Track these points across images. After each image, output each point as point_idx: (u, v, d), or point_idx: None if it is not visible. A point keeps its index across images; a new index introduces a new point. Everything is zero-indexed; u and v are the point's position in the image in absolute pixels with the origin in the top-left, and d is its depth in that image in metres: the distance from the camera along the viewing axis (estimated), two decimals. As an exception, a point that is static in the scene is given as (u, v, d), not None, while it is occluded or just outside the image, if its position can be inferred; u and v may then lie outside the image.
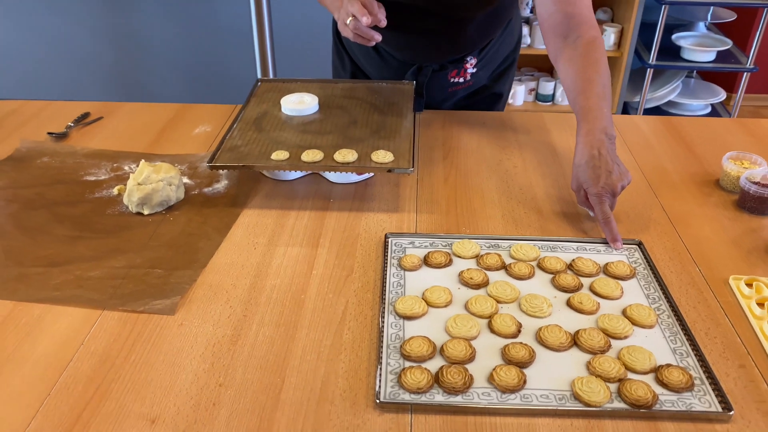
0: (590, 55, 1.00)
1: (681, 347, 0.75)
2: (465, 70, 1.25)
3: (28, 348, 0.75)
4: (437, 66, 1.26)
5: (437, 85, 1.29)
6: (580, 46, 1.01)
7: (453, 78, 1.28)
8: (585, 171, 0.92)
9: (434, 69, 1.26)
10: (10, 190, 1.06)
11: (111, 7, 2.62)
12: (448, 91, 1.31)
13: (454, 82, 1.29)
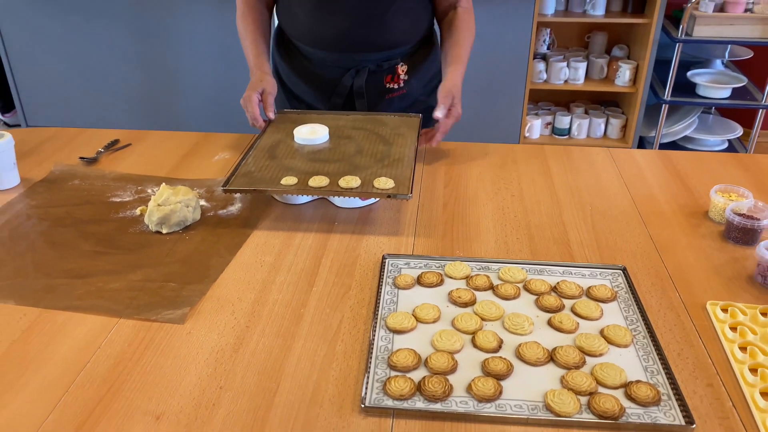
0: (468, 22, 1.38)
1: (653, 365, 0.79)
2: (398, 76, 1.37)
3: (51, 350, 0.83)
4: (373, 66, 1.36)
5: (375, 89, 1.39)
6: (460, 14, 1.38)
7: (388, 84, 1.39)
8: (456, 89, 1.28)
9: (370, 70, 1.36)
10: (42, 209, 1.15)
11: (142, 39, 2.77)
12: (386, 98, 1.41)
13: (389, 87, 1.40)
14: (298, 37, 1.38)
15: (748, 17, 2.66)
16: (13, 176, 1.23)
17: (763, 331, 0.84)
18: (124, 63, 2.83)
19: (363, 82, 1.36)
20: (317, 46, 1.35)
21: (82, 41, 2.81)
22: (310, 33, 1.35)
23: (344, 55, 1.35)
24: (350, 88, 1.37)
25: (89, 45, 2.81)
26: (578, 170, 1.29)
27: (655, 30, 2.71)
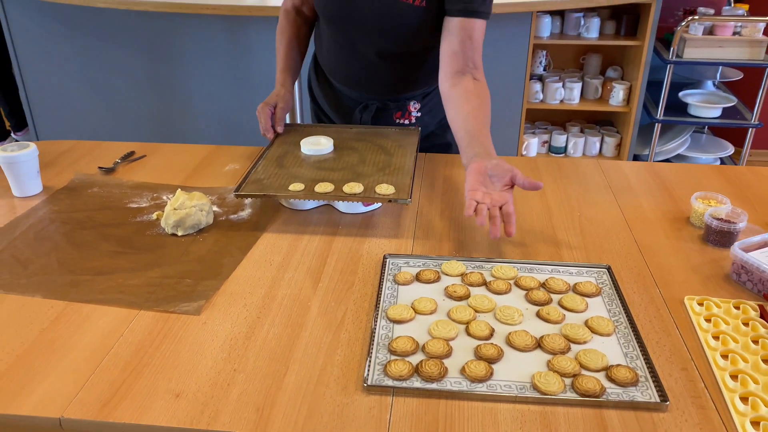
0: (482, 93, 1.23)
1: (633, 352, 0.86)
2: (409, 113, 1.42)
3: (77, 338, 0.90)
4: (381, 104, 1.43)
5: (385, 123, 1.46)
6: (476, 86, 1.24)
7: (398, 119, 1.45)
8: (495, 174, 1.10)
9: (378, 107, 1.43)
10: (65, 214, 1.23)
11: (152, 60, 2.87)
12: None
13: (399, 123, 1.46)
14: (322, 64, 1.48)
15: (736, 40, 2.76)
16: (36, 184, 1.31)
17: (735, 322, 0.91)
18: (135, 83, 2.93)
19: (370, 117, 1.44)
20: (334, 77, 1.44)
21: (93, 61, 2.91)
22: (329, 63, 1.44)
23: (354, 91, 1.44)
24: (359, 120, 1.46)
25: (101, 65, 2.91)
26: (569, 180, 1.37)
27: (647, 52, 2.81)
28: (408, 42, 1.33)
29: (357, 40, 1.36)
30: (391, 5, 1.27)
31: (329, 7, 1.34)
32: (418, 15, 1.26)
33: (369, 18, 1.30)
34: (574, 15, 2.89)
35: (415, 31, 1.30)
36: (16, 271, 1.05)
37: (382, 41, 1.34)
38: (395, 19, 1.28)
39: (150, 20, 2.74)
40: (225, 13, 2.45)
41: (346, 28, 1.36)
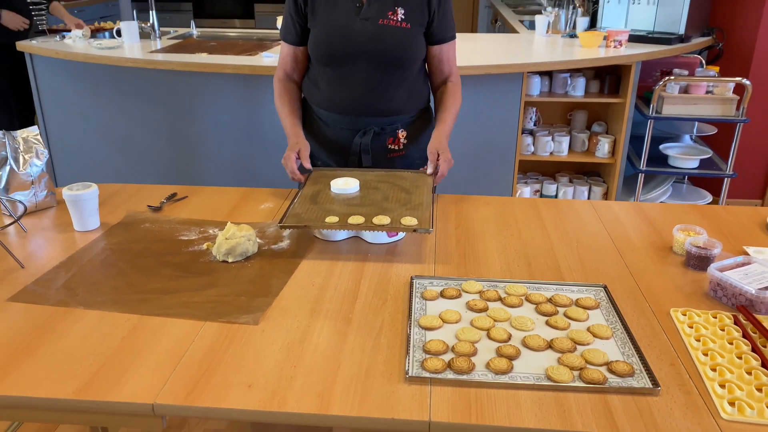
0: (454, 93, 1.68)
1: (628, 351, 1.02)
2: (398, 139, 1.68)
3: (155, 343, 1.04)
4: (377, 129, 1.65)
5: (379, 148, 1.68)
6: (449, 88, 1.68)
7: (390, 145, 1.68)
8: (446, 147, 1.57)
9: (375, 131, 1.65)
10: (124, 245, 1.39)
11: (170, 114, 3.07)
12: (388, 156, 1.70)
13: (391, 148, 1.69)
14: (318, 104, 1.69)
15: (709, 98, 3.02)
16: (95, 220, 1.47)
17: (713, 329, 1.08)
18: (153, 135, 3.12)
19: (369, 141, 1.65)
20: (333, 110, 1.65)
21: (114, 115, 3.11)
22: (328, 99, 1.65)
23: (354, 118, 1.65)
24: (359, 146, 1.66)
25: (121, 118, 3.11)
26: (565, 216, 1.56)
27: (629, 108, 3.06)
28: (397, 57, 1.59)
29: (354, 67, 1.59)
30: (381, 28, 1.56)
31: (327, 47, 1.59)
32: (405, 34, 1.57)
33: (364, 42, 1.56)
34: (562, 75, 3.15)
35: (401, 48, 1.58)
36: (91, 291, 1.20)
37: (376, 61, 1.58)
38: (386, 40, 1.56)
39: (170, 77, 2.95)
40: (245, 72, 2.67)
41: (345, 59, 1.59)
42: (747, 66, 3.38)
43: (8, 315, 1.12)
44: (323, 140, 1.71)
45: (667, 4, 3.24)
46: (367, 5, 1.56)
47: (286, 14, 1.66)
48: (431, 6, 1.58)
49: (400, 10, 1.56)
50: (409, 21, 1.56)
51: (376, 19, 1.56)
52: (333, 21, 1.57)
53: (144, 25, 3.23)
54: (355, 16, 1.56)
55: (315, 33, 1.61)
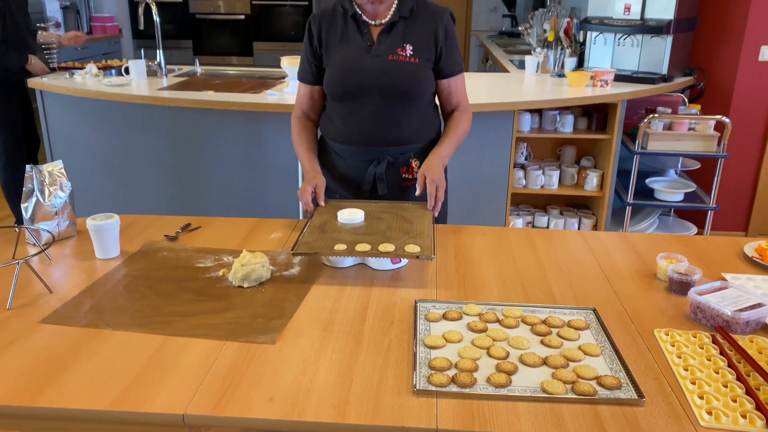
0: (460, 120, 1.81)
1: (616, 367, 1.12)
2: (412, 168, 1.80)
3: (180, 360, 1.13)
4: (391, 159, 1.76)
5: (393, 177, 1.80)
6: (456, 115, 1.82)
7: (404, 174, 1.80)
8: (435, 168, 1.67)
9: (389, 161, 1.76)
10: (144, 272, 1.48)
11: (175, 148, 3.18)
12: (402, 185, 1.82)
13: (405, 177, 1.81)
14: (333, 138, 1.81)
15: (691, 134, 3.17)
16: (116, 248, 1.56)
17: (693, 347, 1.18)
18: (157, 168, 3.23)
19: (383, 170, 1.77)
20: (348, 142, 1.77)
21: (120, 148, 3.22)
22: (343, 133, 1.78)
23: (368, 149, 1.76)
24: (374, 175, 1.77)
25: (126, 152, 3.22)
26: (557, 246, 1.66)
27: (616, 144, 3.20)
28: (407, 90, 1.72)
29: (367, 100, 1.72)
30: (391, 64, 1.70)
31: (341, 82, 1.72)
32: (413, 68, 1.71)
33: (375, 77, 1.69)
34: (551, 112, 3.30)
35: (411, 81, 1.71)
36: (116, 314, 1.29)
37: (387, 95, 1.71)
38: (396, 74, 1.70)
39: (175, 113, 3.07)
40: (251, 109, 2.80)
41: (357, 93, 1.72)
42: (727, 104, 3.54)
43: (42, 335, 1.21)
44: (339, 173, 1.83)
45: (650, 46, 3.41)
46: (377, 43, 1.71)
47: (303, 57, 1.81)
48: (438, 42, 1.72)
49: (409, 47, 1.70)
50: (417, 56, 1.70)
51: (386, 56, 1.69)
52: (346, 58, 1.71)
53: (151, 63, 3.36)
54: (366, 54, 1.70)
55: (329, 71, 1.74)
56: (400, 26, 1.72)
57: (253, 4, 6.20)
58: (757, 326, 1.26)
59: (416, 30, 1.72)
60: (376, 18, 1.72)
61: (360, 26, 1.73)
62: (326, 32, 1.75)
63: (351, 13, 1.73)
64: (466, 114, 1.83)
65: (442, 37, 1.72)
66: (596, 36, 3.55)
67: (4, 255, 1.56)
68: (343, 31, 1.74)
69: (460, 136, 1.79)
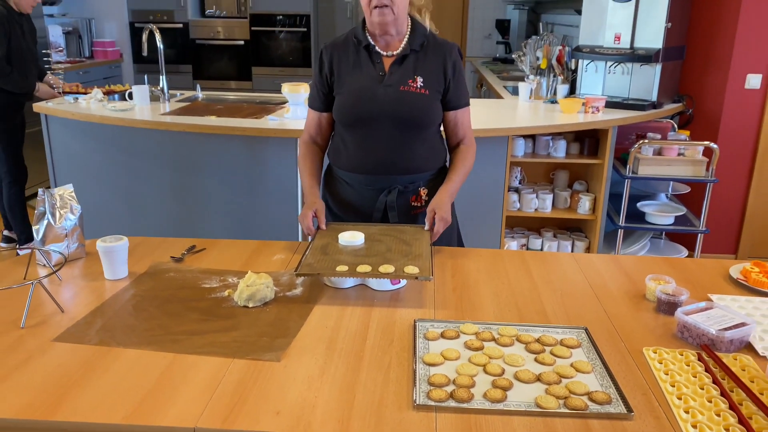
0: (465, 154, 1.89)
1: (606, 383, 1.17)
2: (421, 197, 1.87)
3: (191, 377, 1.18)
4: (401, 187, 1.83)
5: (403, 206, 1.86)
6: (462, 150, 1.90)
7: (413, 202, 1.87)
8: (444, 206, 1.74)
9: (399, 190, 1.82)
10: (152, 292, 1.53)
11: (176, 171, 3.24)
12: (412, 213, 1.88)
13: (414, 205, 1.87)
14: (344, 167, 1.87)
15: (681, 160, 3.25)
16: (124, 269, 1.61)
17: (680, 364, 1.24)
18: (159, 191, 3.28)
19: (394, 199, 1.83)
20: (358, 171, 1.84)
21: (122, 172, 3.28)
22: (354, 161, 1.84)
23: (379, 177, 1.83)
24: (384, 204, 1.83)
25: (128, 175, 3.28)
26: (550, 267, 1.72)
27: (608, 169, 3.28)
28: (417, 120, 1.79)
29: (378, 128, 1.79)
30: (402, 94, 1.77)
31: (354, 110, 1.79)
32: (424, 99, 1.79)
33: (387, 106, 1.77)
34: (544, 138, 3.38)
35: (421, 112, 1.79)
36: (127, 332, 1.34)
37: (397, 123, 1.78)
38: (407, 104, 1.77)
39: (177, 137, 3.14)
40: (252, 134, 2.87)
41: (369, 121, 1.79)
42: (715, 130, 3.64)
43: (55, 353, 1.26)
44: (348, 202, 1.90)
45: (640, 74, 3.52)
46: (389, 74, 1.79)
47: (313, 85, 1.89)
48: (446, 76, 1.81)
49: (419, 79, 1.78)
50: (427, 88, 1.78)
51: (397, 86, 1.78)
52: (359, 87, 1.79)
53: (154, 89, 3.44)
54: (378, 84, 1.78)
55: (341, 99, 1.82)
56: (411, 59, 1.80)
57: (253, 30, 6.32)
58: (740, 345, 1.31)
59: (427, 63, 1.80)
60: (388, 50, 1.81)
61: (372, 57, 1.81)
62: (338, 62, 1.83)
63: (364, 44, 1.81)
64: (472, 148, 1.91)
65: (451, 71, 1.81)
66: (587, 64, 3.66)
67: (15, 276, 1.61)
68: (355, 61, 1.82)
69: (466, 171, 1.87)
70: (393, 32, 1.78)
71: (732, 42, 3.51)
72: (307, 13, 6.26)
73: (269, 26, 6.30)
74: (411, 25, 1.82)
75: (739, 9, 3.45)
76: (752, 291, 1.59)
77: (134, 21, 6.36)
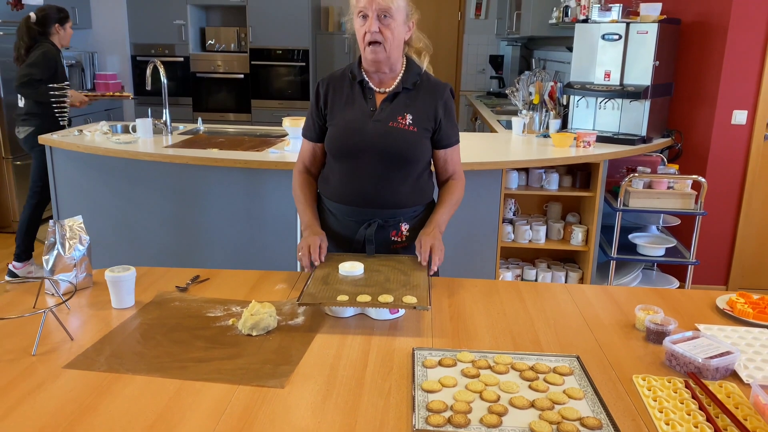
0: (455, 188, 1.95)
1: (597, 409, 1.22)
2: (401, 233, 1.92)
3: (198, 403, 1.22)
4: (382, 221, 1.88)
5: (383, 239, 1.90)
6: (451, 184, 1.97)
7: (393, 237, 1.92)
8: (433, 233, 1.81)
9: (379, 224, 1.88)
10: (159, 320, 1.58)
11: (176, 202, 3.31)
12: (391, 248, 1.92)
13: (394, 240, 1.92)
14: (329, 197, 1.94)
15: (670, 193, 3.34)
16: (131, 298, 1.66)
17: (668, 391, 1.29)
18: (159, 221, 3.34)
19: (373, 232, 1.88)
20: (342, 201, 1.89)
21: (123, 202, 3.34)
22: (339, 191, 1.90)
23: (361, 210, 1.88)
24: (364, 236, 1.89)
25: (129, 205, 3.34)
26: (543, 298, 1.78)
27: (599, 201, 3.36)
28: (403, 156, 1.84)
29: (364, 161, 1.85)
30: (390, 130, 1.83)
31: (342, 142, 1.86)
32: (411, 136, 1.84)
33: (374, 139, 1.82)
34: (537, 171, 3.47)
35: (407, 148, 1.84)
36: (135, 360, 1.38)
37: (383, 157, 1.83)
38: (394, 139, 1.83)
39: (178, 169, 3.21)
40: (254, 167, 2.94)
41: (356, 153, 1.85)
42: (704, 164, 3.74)
43: (66, 380, 1.30)
44: (330, 230, 1.95)
45: (629, 109, 3.63)
46: (379, 109, 1.86)
47: (308, 115, 1.97)
48: (437, 116, 1.88)
49: (409, 116, 1.85)
50: (416, 126, 1.85)
51: (387, 122, 1.84)
52: (349, 120, 1.86)
53: (157, 122, 3.52)
54: (368, 118, 1.85)
55: (332, 130, 1.89)
56: (402, 96, 1.87)
57: (252, 63, 6.46)
58: (726, 372, 1.37)
59: (418, 102, 1.87)
60: (381, 86, 1.89)
61: (365, 92, 1.89)
62: (332, 95, 1.91)
63: (358, 79, 1.89)
64: (460, 182, 1.97)
65: (442, 111, 1.88)
66: (579, 100, 3.77)
67: (24, 305, 1.66)
68: (348, 95, 1.90)
69: (454, 203, 1.93)
70: (386, 70, 1.86)
71: (718, 79, 3.63)
72: (305, 48, 6.41)
73: (268, 60, 6.44)
74: (406, 65, 1.90)
75: (724, 47, 3.58)
76: (737, 321, 1.65)
77: (136, 54, 6.49)
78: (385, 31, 1.77)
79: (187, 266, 1.99)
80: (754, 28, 3.53)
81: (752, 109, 3.64)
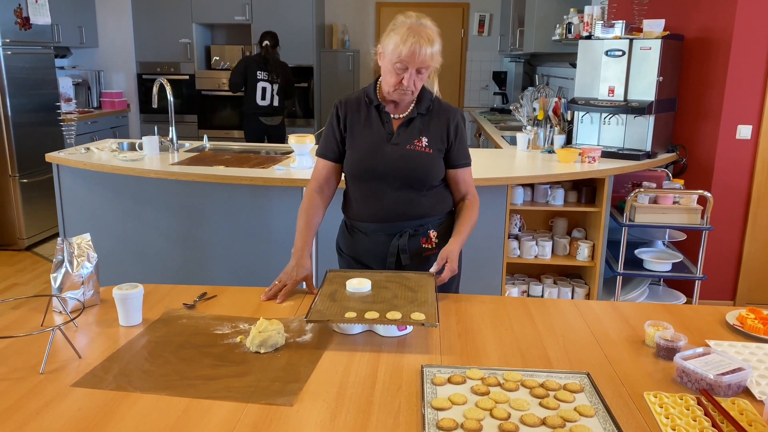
0: (470, 208, 2.00)
1: (609, 426, 1.21)
2: (431, 239, 1.98)
3: (207, 421, 1.22)
4: (412, 230, 1.93)
5: (415, 248, 1.96)
6: (467, 204, 2.01)
7: (424, 244, 1.97)
8: (454, 256, 1.84)
9: (410, 233, 1.93)
10: (166, 338, 1.57)
11: (182, 219, 3.31)
12: (424, 255, 1.98)
13: (425, 247, 1.97)
14: (356, 218, 1.98)
15: (676, 208, 3.34)
16: (138, 316, 1.66)
17: (680, 408, 1.28)
18: (165, 238, 3.35)
19: (405, 242, 1.93)
20: (369, 220, 1.95)
21: (129, 219, 3.35)
22: (364, 212, 1.95)
23: (389, 225, 1.94)
24: (397, 247, 1.92)
25: (134, 222, 3.35)
26: (551, 314, 1.77)
27: (605, 216, 3.36)
28: (422, 176, 1.91)
29: (385, 182, 1.91)
30: (409, 153, 1.90)
31: (364, 165, 1.91)
32: (428, 157, 1.92)
33: (393, 162, 1.89)
34: (542, 186, 3.47)
35: (425, 169, 1.91)
36: (143, 378, 1.38)
37: (403, 178, 1.90)
38: (412, 161, 1.90)
39: (186, 186, 3.22)
40: (260, 183, 2.95)
41: (377, 175, 1.90)
42: (709, 179, 3.74)
43: (74, 398, 1.30)
44: (364, 248, 2.00)
45: (634, 125, 3.63)
46: (397, 134, 1.92)
47: (327, 136, 2.00)
48: (449, 137, 1.96)
49: (424, 139, 1.92)
50: (432, 147, 1.92)
51: (404, 145, 1.91)
52: (368, 144, 1.92)
53: (163, 140, 3.54)
54: (386, 142, 1.91)
55: (351, 153, 1.94)
56: (417, 121, 1.94)
57: (257, 81, 6.49)
58: (738, 389, 1.36)
59: (431, 125, 1.94)
60: (397, 112, 1.95)
61: (382, 116, 1.95)
62: (351, 118, 1.96)
63: (375, 104, 1.94)
64: (476, 203, 2.03)
65: (453, 134, 1.95)
66: (583, 115, 3.78)
67: (32, 323, 1.66)
68: (366, 119, 1.95)
69: (473, 223, 1.99)
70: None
71: (722, 94, 3.64)
72: (310, 65, 6.45)
73: (273, 78, 6.47)
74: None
75: (728, 62, 3.59)
76: (748, 337, 1.64)
77: (142, 72, 6.54)
78: (417, 83, 1.86)
79: (194, 283, 1.99)
80: (758, 42, 3.54)
81: (757, 123, 3.64)
